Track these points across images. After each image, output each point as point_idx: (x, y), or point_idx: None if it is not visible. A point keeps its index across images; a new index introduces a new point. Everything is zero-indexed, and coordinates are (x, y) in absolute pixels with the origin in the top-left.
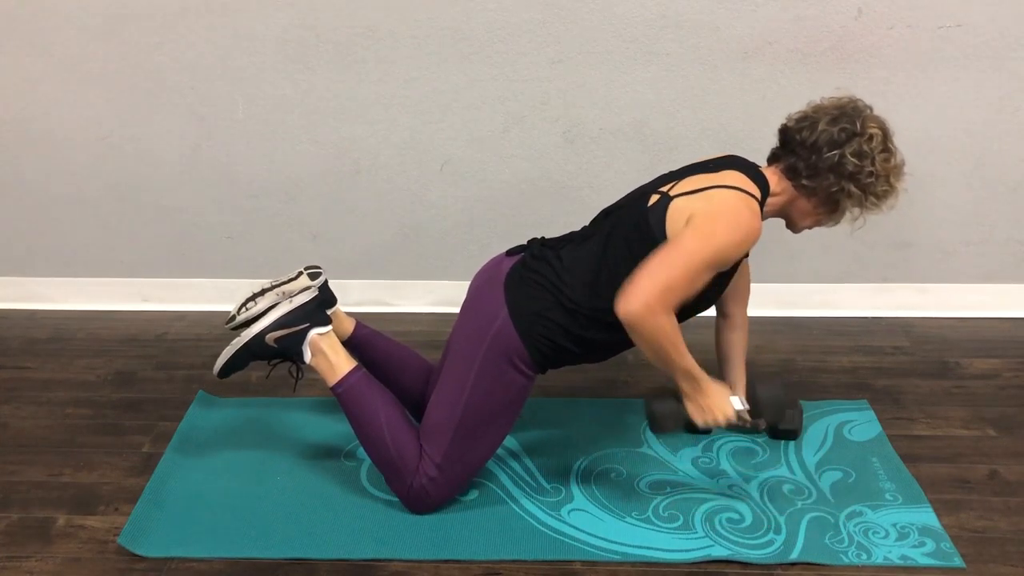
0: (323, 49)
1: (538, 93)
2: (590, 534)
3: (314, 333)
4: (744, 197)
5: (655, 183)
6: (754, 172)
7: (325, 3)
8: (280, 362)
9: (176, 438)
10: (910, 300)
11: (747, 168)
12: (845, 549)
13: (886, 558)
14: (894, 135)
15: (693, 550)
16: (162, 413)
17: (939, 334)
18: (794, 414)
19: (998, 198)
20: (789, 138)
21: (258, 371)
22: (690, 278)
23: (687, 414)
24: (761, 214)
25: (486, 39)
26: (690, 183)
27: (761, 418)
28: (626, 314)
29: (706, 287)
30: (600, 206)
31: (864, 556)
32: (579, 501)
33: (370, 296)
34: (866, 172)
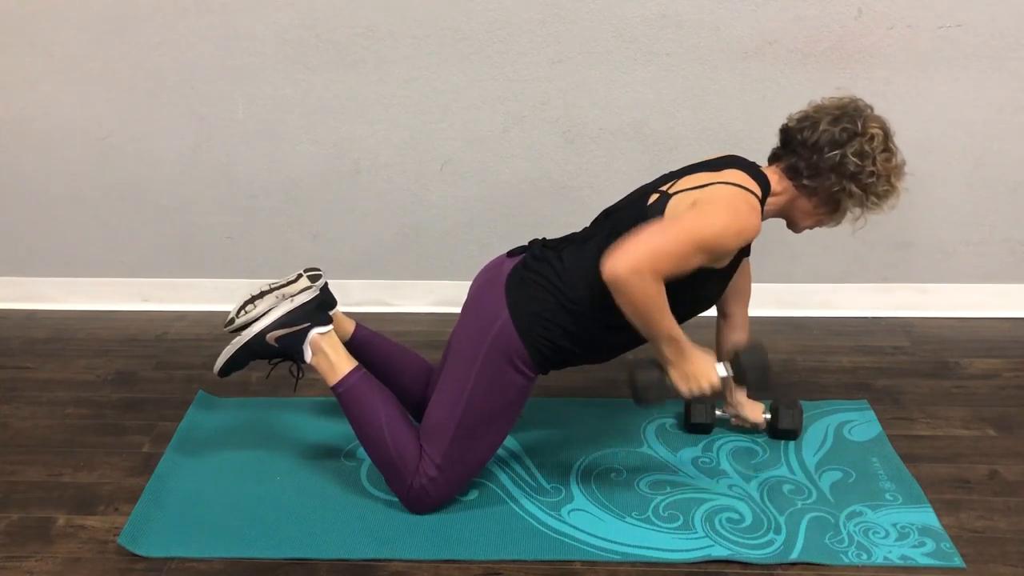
0: (323, 49)
1: (538, 93)
2: (590, 534)
3: (315, 332)
4: (745, 193)
5: (656, 183)
6: (755, 171)
7: (325, 3)
8: (280, 361)
9: (176, 438)
10: (910, 300)
11: (748, 167)
12: (845, 549)
13: (886, 558)
14: (894, 135)
15: (693, 550)
16: (162, 413)
17: (939, 334)
18: (794, 414)
19: (998, 198)
20: (790, 138)
21: (258, 371)
22: (680, 252)
23: (671, 383)
24: (762, 213)
25: (486, 39)
26: (691, 181)
27: (745, 384)
28: (611, 271)
29: (706, 286)
30: (600, 206)
31: (864, 556)
32: (579, 501)
33: (370, 296)
34: (867, 172)
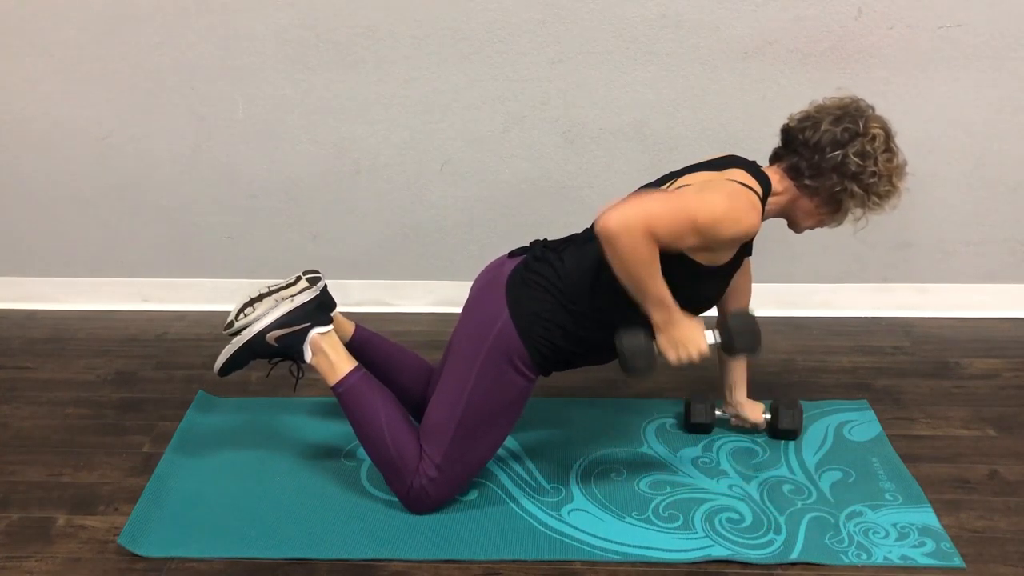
0: (323, 49)
1: (538, 93)
2: (590, 534)
3: (315, 332)
4: (746, 190)
5: (657, 183)
6: (756, 171)
7: (325, 3)
8: (280, 361)
9: (176, 438)
10: (910, 300)
11: (749, 167)
12: (845, 549)
13: (886, 558)
14: (895, 135)
15: (693, 550)
16: (162, 413)
17: (939, 334)
18: (794, 414)
19: (998, 198)
20: (792, 138)
21: (258, 371)
22: (676, 223)
23: (658, 350)
24: (762, 212)
25: (486, 39)
26: (692, 179)
27: (735, 348)
28: (603, 225)
29: (707, 286)
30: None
31: (864, 556)
32: (579, 501)
33: (370, 296)
34: (869, 172)
